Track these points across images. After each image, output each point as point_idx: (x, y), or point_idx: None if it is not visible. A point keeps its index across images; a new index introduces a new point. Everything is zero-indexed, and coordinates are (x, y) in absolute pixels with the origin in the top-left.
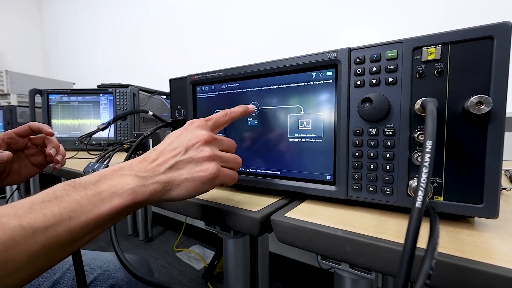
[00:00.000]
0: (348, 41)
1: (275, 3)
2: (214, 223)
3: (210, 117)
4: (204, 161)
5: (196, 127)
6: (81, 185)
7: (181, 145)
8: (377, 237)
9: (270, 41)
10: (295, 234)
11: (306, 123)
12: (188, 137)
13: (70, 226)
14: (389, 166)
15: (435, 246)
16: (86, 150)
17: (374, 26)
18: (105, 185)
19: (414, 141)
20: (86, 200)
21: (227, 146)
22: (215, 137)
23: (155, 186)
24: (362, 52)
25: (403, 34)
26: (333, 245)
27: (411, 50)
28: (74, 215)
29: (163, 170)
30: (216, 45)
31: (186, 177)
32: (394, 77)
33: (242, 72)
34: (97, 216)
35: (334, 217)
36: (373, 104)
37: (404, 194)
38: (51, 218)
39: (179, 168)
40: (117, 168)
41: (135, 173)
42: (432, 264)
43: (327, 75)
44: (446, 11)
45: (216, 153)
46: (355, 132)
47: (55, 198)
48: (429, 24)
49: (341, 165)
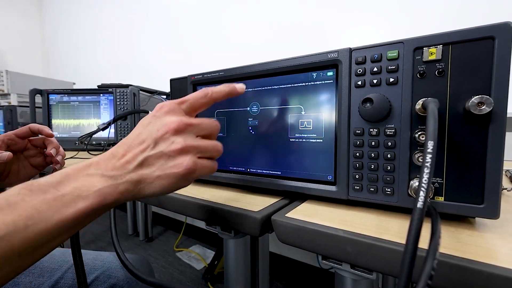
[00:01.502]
0: (348, 41)
1: (275, 3)
2: (215, 223)
3: (185, 98)
4: (177, 155)
5: (165, 112)
6: (39, 188)
7: (149, 137)
8: (378, 238)
9: (270, 41)
10: (296, 234)
11: (307, 123)
12: (156, 126)
13: (26, 235)
14: (390, 167)
15: (437, 247)
16: (86, 150)
17: (373, 26)
18: (68, 187)
19: (415, 141)
20: (46, 206)
21: (207, 129)
22: (188, 122)
23: (126, 186)
24: (363, 52)
25: (403, 34)
26: (334, 246)
27: (412, 50)
28: (31, 223)
29: (132, 167)
30: (216, 45)
31: (158, 174)
32: (395, 77)
33: (243, 72)
34: (60, 222)
35: (335, 217)
36: (374, 104)
37: (405, 194)
38: (2, 228)
39: (149, 164)
40: (83, 166)
41: (102, 172)
42: (434, 264)
43: (328, 75)
44: (445, 11)
45: (190, 143)
46: (356, 132)
47: (8, 205)
48: (428, 24)
49: (341, 165)
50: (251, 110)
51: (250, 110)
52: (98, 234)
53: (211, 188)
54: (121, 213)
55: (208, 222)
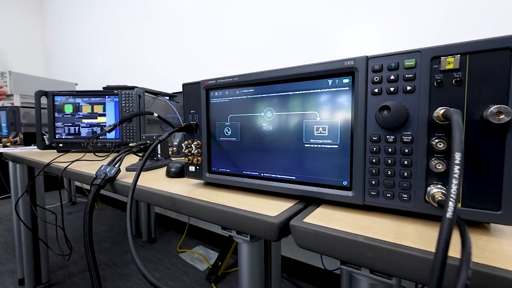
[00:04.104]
0: (348, 41)
1: (277, 5)
2: (231, 227)
3: None
4: None
5: None
6: None
7: None
8: (398, 243)
9: (271, 42)
10: (315, 240)
11: (322, 129)
12: None
13: None
14: (406, 173)
15: (469, 256)
16: (92, 152)
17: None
18: None
19: (432, 148)
20: None
21: None
22: None
23: None
24: (379, 60)
25: (403, 35)
26: (354, 251)
27: (430, 59)
28: None
29: None
30: (217, 45)
31: None
32: (412, 86)
33: (257, 78)
34: None
35: (351, 222)
36: (391, 111)
37: (422, 200)
38: None
39: None
40: None
41: None
42: (468, 274)
43: (344, 82)
44: (445, 12)
45: None
46: (372, 139)
47: None
48: (428, 24)
49: (357, 171)
50: (265, 115)
51: (265, 115)
52: (102, 235)
53: (223, 192)
54: (124, 214)
55: (224, 227)
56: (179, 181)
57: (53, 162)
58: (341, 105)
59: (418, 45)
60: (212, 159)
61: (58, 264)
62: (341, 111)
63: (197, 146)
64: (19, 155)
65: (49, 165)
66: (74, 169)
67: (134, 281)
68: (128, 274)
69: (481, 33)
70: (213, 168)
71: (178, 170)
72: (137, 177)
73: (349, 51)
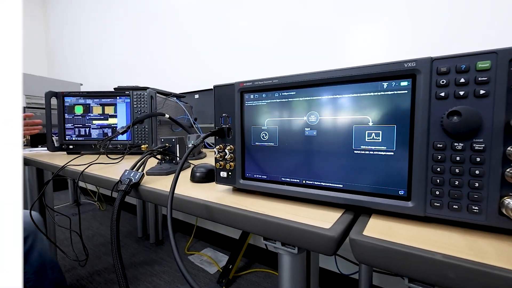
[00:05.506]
0: (354, 40)
1: (283, 7)
2: (276, 239)
3: None
4: None
5: None
6: None
7: None
8: (486, 263)
9: (279, 42)
10: (381, 255)
11: (375, 135)
12: None
13: None
14: (477, 183)
15: None
16: (105, 154)
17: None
18: None
19: (508, 157)
20: None
21: None
22: None
23: None
24: (446, 62)
25: (406, 35)
26: (430, 270)
27: (508, 61)
28: None
29: None
30: (224, 45)
31: None
32: (486, 90)
33: (300, 80)
34: None
35: (416, 236)
36: (462, 117)
37: (495, 213)
38: None
39: None
40: None
41: None
42: None
43: (402, 85)
44: (450, 11)
45: None
46: (437, 147)
47: None
48: (432, 24)
49: (417, 180)
50: (308, 120)
51: (308, 120)
52: (108, 237)
53: (256, 199)
54: (130, 216)
55: (267, 237)
56: (205, 186)
57: (67, 165)
58: (397, 109)
59: (430, 48)
60: (246, 165)
61: (66, 266)
62: (398, 116)
63: (230, 151)
64: (30, 157)
65: (64, 168)
66: (92, 173)
67: (145, 284)
68: (137, 277)
69: (489, 35)
70: (247, 174)
71: (203, 175)
72: (175, 185)
73: (361, 57)
